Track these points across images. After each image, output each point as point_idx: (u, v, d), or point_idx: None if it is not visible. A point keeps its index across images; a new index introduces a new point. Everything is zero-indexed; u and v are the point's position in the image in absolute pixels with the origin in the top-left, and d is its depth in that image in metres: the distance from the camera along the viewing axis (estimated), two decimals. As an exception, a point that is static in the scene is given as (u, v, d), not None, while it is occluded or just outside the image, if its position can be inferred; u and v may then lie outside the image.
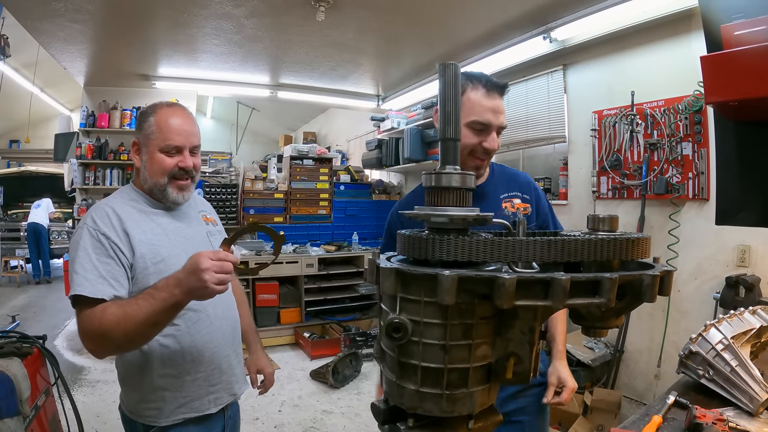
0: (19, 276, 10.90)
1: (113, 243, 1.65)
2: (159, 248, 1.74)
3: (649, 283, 0.76)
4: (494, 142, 1.84)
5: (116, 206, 1.76)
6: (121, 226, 1.69)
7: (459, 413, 0.81)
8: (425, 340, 0.78)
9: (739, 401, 1.59)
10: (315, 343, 6.20)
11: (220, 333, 1.87)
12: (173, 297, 1.48)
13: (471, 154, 1.86)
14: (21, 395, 2.69)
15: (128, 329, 1.49)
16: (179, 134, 1.80)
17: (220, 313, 1.88)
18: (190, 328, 1.77)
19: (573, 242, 0.74)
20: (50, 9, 4.27)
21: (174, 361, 1.74)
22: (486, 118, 1.80)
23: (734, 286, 3.13)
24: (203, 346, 1.80)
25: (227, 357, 1.90)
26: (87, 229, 1.66)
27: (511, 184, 2.02)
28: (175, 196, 1.83)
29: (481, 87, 1.81)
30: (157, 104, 1.86)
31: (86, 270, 1.58)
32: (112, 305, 1.54)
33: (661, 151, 3.69)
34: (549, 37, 4.35)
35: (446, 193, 0.83)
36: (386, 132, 7.08)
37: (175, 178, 1.82)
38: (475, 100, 1.81)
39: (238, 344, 2.02)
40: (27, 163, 14.27)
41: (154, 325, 1.53)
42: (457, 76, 0.84)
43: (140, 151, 1.84)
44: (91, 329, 1.54)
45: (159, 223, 1.82)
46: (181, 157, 1.81)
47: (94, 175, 7.29)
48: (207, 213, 2.12)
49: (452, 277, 0.71)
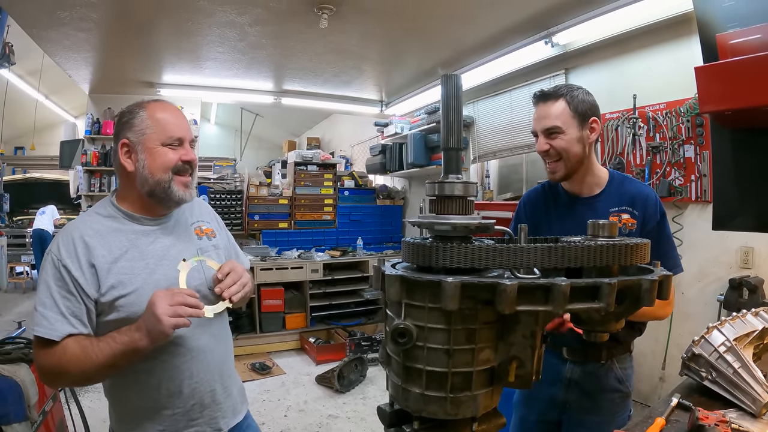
0: (24, 282, 10.91)
1: (74, 278, 1.52)
2: (132, 277, 1.59)
3: (648, 288, 0.78)
4: (541, 144, 2.03)
5: (86, 230, 1.61)
6: (87, 257, 1.55)
7: (463, 416, 0.83)
8: (429, 344, 0.80)
9: (741, 403, 1.60)
10: (320, 348, 6.21)
11: (204, 366, 1.71)
12: (132, 341, 1.45)
13: (544, 161, 2.10)
14: (29, 401, 2.71)
15: (86, 370, 1.47)
16: (179, 126, 1.70)
17: (203, 345, 1.71)
18: (166, 362, 1.63)
19: (573, 248, 0.76)
20: (55, 18, 4.30)
21: (149, 394, 1.63)
22: (533, 127, 2.09)
23: (737, 288, 3.13)
24: (182, 381, 1.66)
25: (211, 391, 1.74)
26: (51, 258, 1.56)
27: (625, 197, 2.07)
28: (181, 194, 1.68)
29: (533, 99, 2.09)
30: (141, 101, 1.73)
31: (45, 306, 1.50)
32: (73, 344, 1.48)
33: (663, 154, 3.69)
34: (551, 42, 4.35)
35: (449, 202, 0.85)
36: (390, 137, 7.09)
37: (179, 174, 1.68)
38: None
39: (228, 377, 1.85)
40: (32, 169, 14.32)
41: (112, 367, 1.49)
42: (459, 87, 0.86)
43: (132, 151, 1.66)
44: (48, 366, 1.50)
45: (137, 244, 1.66)
46: (183, 149, 1.70)
47: (100, 182, 7.31)
48: (204, 224, 1.92)
49: (455, 284, 0.73)
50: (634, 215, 2.03)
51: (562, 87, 2.03)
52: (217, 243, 1.91)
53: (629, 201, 2.05)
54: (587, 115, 1.99)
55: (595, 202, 2.08)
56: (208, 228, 1.92)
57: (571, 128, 1.97)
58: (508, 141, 5.48)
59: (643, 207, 2.04)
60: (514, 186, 5.93)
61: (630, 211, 2.04)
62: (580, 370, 2.10)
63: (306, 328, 6.72)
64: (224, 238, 1.99)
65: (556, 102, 1.99)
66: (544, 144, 2.01)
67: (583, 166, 2.04)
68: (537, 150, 2.06)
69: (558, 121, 1.97)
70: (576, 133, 1.98)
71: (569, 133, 1.97)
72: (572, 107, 1.98)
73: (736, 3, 2.29)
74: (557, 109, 1.98)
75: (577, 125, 1.98)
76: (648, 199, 2.06)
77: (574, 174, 2.05)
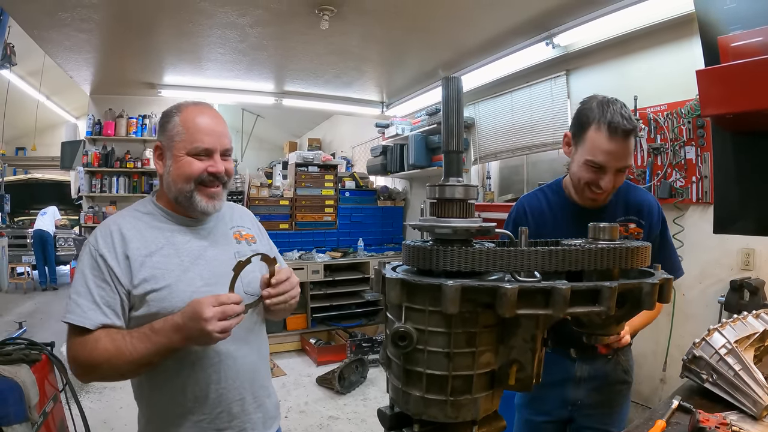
0: (25, 283, 10.94)
1: (110, 268, 1.51)
2: (165, 273, 1.55)
3: (648, 291, 0.78)
4: (610, 182, 1.85)
5: (124, 223, 1.60)
6: (122, 248, 1.54)
7: (463, 419, 0.82)
8: (430, 348, 0.80)
9: (742, 405, 1.61)
10: (321, 350, 6.23)
11: (233, 373, 1.63)
12: (170, 342, 1.42)
13: (587, 186, 1.91)
14: (29, 401, 2.72)
15: (119, 366, 1.44)
16: (209, 135, 1.61)
17: (234, 351, 1.63)
18: (194, 364, 1.57)
19: (574, 252, 0.76)
20: (57, 19, 4.31)
21: (175, 397, 1.58)
22: (600, 160, 1.82)
23: (739, 290, 3.13)
24: (208, 385, 1.59)
25: (240, 400, 1.66)
26: (88, 248, 1.55)
27: (631, 207, 2.04)
28: (204, 205, 1.62)
29: (604, 128, 1.79)
30: (183, 103, 1.67)
31: (80, 294, 1.49)
32: (105, 338, 1.45)
33: (664, 156, 3.69)
34: (552, 43, 4.36)
35: (450, 205, 0.85)
36: (391, 138, 7.10)
37: (204, 185, 1.62)
38: (594, 140, 1.82)
39: (261, 387, 1.75)
40: (33, 170, 14.35)
41: (147, 365, 1.47)
42: (460, 90, 0.86)
43: (164, 155, 1.65)
44: (81, 358, 1.47)
45: (174, 242, 1.62)
46: (211, 161, 1.62)
47: (101, 182, 7.33)
48: (244, 229, 1.86)
49: (456, 287, 0.73)
50: (641, 224, 2.02)
51: (630, 116, 1.81)
52: (257, 249, 1.80)
53: (636, 210, 2.04)
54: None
55: (603, 213, 2.02)
56: (248, 233, 1.86)
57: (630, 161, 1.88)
58: (508, 142, 5.49)
59: (649, 216, 2.04)
60: (515, 187, 5.93)
61: (636, 221, 2.03)
62: (590, 367, 2.10)
63: (307, 329, 6.73)
64: (265, 246, 1.91)
65: (631, 138, 1.82)
66: (610, 182, 1.85)
67: None
68: (603, 185, 1.85)
69: (631, 159, 1.85)
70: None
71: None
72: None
73: (738, 5, 2.29)
74: (631, 145, 1.83)
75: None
76: (652, 208, 2.05)
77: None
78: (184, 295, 1.49)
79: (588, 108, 1.87)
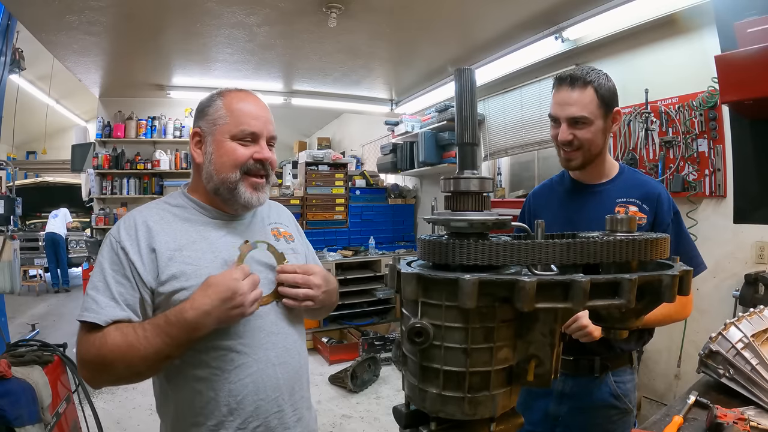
0: (38, 285, 11.05)
1: (131, 262, 1.39)
2: (198, 269, 1.42)
3: (669, 284, 0.76)
4: (565, 133, 1.90)
5: (151, 215, 1.49)
6: (147, 240, 1.42)
7: (481, 416, 0.81)
8: (447, 344, 0.78)
9: (760, 400, 1.59)
10: (333, 348, 6.22)
11: (272, 382, 1.49)
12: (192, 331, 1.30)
13: (557, 146, 1.99)
14: (42, 403, 2.74)
15: (134, 364, 1.30)
16: (256, 118, 1.51)
17: (273, 358, 1.50)
18: (229, 374, 1.43)
19: (592, 244, 0.74)
20: (64, 22, 4.34)
21: (208, 410, 1.43)
22: (552, 112, 1.96)
23: (753, 284, 3.10)
24: (245, 396, 1.44)
25: (279, 412, 1.51)
26: (109, 240, 1.43)
27: (634, 190, 2.00)
28: (248, 197, 1.51)
29: (555, 81, 1.96)
30: (224, 89, 1.58)
31: (98, 290, 1.36)
32: (114, 333, 1.31)
33: (676, 149, 3.66)
34: (561, 37, 4.33)
35: (465, 198, 0.83)
36: (400, 136, 7.08)
37: (249, 174, 1.51)
38: (553, 96, 1.96)
39: (300, 398, 1.61)
40: (44, 173, 14.45)
41: (166, 359, 1.33)
42: (473, 81, 0.85)
43: (203, 142, 1.53)
44: (89, 357, 1.33)
45: (206, 236, 1.51)
46: (257, 147, 1.52)
47: (111, 184, 7.38)
48: (282, 226, 1.75)
49: (473, 282, 0.72)
50: (644, 209, 1.96)
51: (588, 71, 1.90)
52: (296, 247, 1.74)
53: (640, 195, 1.98)
54: (612, 105, 1.91)
55: (601, 191, 2.02)
56: (286, 231, 1.76)
57: (598, 119, 1.88)
58: (519, 138, 5.46)
59: (655, 205, 1.97)
60: (526, 183, 5.90)
61: (639, 205, 1.97)
62: (572, 382, 2.00)
63: (319, 327, 6.73)
64: (303, 245, 1.84)
65: (585, 89, 1.86)
66: (567, 134, 1.89)
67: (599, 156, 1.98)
68: (558, 138, 1.93)
69: (586, 111, 1.86)
70: (602, 124, 1.90)
71: (596, 124, 1.88)
72: (599, 96, 1.87)
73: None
74: (586, 97, 1.86)
75: (603, 115, 1.89)
76: (661, 198, 1.98)
77: (589, 164, 1.97)
78: None
79: None
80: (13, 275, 4.15)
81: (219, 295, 1.29)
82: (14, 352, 2.94)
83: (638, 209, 1.97)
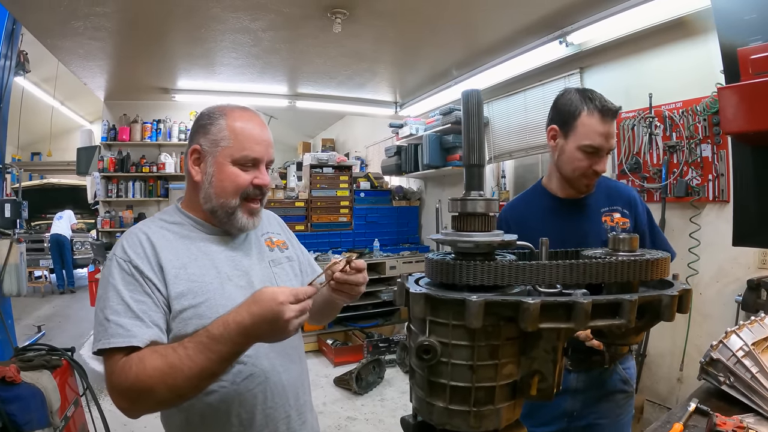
0: (43, 286, 11.09)
1: (147, 279, 1.35)
2: (203, 285, 1.41)
3: (668, 303, 0.79)
4: (604, 164, 1.95)
5: (151, 232, 1.45)
6: (155, 257, 1.39)
7: (486, 429, 0.84)
8: (454, 360, 0.81)
9: (759, 408, 1.61)
10: (338, 350, 6.23)
11: (278, 389, 1.51)
12: (237, 346, 1.23)
13: (582, 175, 1.97)
14: (51, 407, 2.76)
15: (177, 386, 1.22)
16: (259, 144, 1.49)
17: (278, 366, 1.51)
18: (238, 385, 1.43)
19: (594, 265, 0.77)
20: (70, 28, 4.36)
21: (219, 422, 1.43)
22: (598, 142, 1.91)
23: (756, 289, 3.10)
24: (255, 406, 1.45)
25: (286, 418, 1.54)
26: (116, 261, 1.37)
27: (613, 197, 2.10)
28: (245, 222, 1.51)
29: (596, 112, 1.90)
30: (226, 106, 1.54)
31: (118, 313, 1.28)
32: (152, 356, 1.23)
33: (680, 154, 3.67)
34: (565, 41, 4.34)
35: (472, 219, 0.86)
36: (405, 138, 7.11)
37: (248, 200, 1.50)
38: (589, 125, 1.91)
39: (303, 403, 1.63)
40: (49, 175, 14.49)
41: (211, 377, 1.26)
42: (480, 104, 0.87)
43: (202, 161, 1.49)
44: (125, 385, 1.23)
45: (207, 252, 1.49)
46: (258, 172, 1.50)
47: (117, 187, 7.44)
48: (274, 235, 1.75)
49: (479, 302, 0.75)
50: (625, 214, 2.06)
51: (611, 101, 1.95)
52: (290, 255, 1.76)
53: (622, 202, 2.09)
54: None
55: (586, 203, 2.08)
56: (279, 240, 1.76)
57: None
58: (523, 141, 5.48)
59: (634, 208, 2.10)
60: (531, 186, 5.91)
61: (621, 211, 2.07)
62: (585, 377, 2.07)
63: (323, 329, 6.72)
64: (297, 250, 1.84)
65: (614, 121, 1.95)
66: (605, 163, 1.96)
67: None
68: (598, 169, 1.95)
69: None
70: None
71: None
72: None
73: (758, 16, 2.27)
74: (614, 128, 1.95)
75: None
76: (636, 201, 2.12)
77: None
78: (224, 310, 1.28)
79: (570, 99, 1.98)
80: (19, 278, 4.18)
81: (263, 316, 1.21)
82: (23, 356, 2.96)
83: (621, 215, 2.06)
